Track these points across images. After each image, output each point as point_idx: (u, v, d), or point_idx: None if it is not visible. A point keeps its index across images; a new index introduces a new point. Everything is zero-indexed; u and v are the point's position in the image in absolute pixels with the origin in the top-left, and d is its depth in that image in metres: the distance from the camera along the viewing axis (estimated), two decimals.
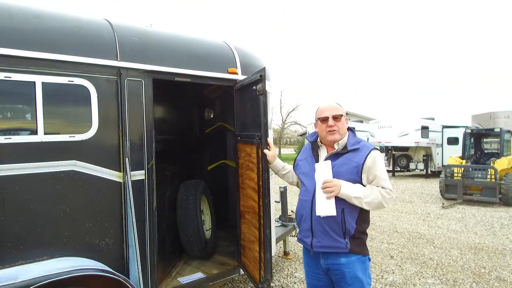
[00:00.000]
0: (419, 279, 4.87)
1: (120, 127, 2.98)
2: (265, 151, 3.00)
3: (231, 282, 4.63)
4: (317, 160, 2.54)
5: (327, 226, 2.36)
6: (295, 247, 6.33)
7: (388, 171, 21.16)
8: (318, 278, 2.54)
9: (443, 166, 15.63)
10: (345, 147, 2.46)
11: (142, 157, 3.13)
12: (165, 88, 3.92)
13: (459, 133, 17.14)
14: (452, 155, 13.25)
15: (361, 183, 2.39)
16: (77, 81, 2.77)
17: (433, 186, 14.52)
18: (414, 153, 18.82)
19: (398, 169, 19.61)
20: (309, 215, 2.44)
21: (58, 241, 2.69)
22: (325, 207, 2.33)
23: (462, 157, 12.24)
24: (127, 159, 2.99)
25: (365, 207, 2.34)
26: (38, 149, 2.59)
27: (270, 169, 3.12)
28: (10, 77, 2.47)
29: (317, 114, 2.58)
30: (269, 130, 3.65)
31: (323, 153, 2.57)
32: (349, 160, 2.41)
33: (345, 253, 2.36)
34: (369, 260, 2.50)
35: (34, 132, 2.58)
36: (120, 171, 2.99)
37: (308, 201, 2.46)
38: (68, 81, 2.73)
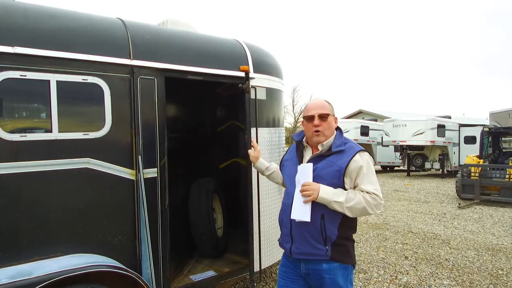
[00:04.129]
0: (434, 280, 4.78)
1: (133, 125, 3.01)
2: (249, 151, 2.88)
3: (243, 281, 4.63)
4: (301, 162, 2.38)
5: (306, 232, 2.22)
6: None
7: (402, 170, 21.08)
8: (294, 281, 2.37)
9: (459, 165, 15.36)
10: (330, 148, 2.30)
11: (155, 155, 3.14)
12: (178, 86, 3.93)
13: (476, 132, 16.78)
14: (469, 154, 12.98)
15: (343, 187, 2.22)
16: (91, 79, 2.79)
17: (449, 186, 14.25)
18: (429, 152, 18.50)
19: (413, 168, 19.33)
20: (289, 219, 2.28)
21: (72, 238, 2.73)
22: (300, 212, 2.20)
23: (479, 156, 11.98)
24: (139, 157, 3.01)
25: (347, 213, 2.16)
26: (52, 146, 2.62)
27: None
28: (26, 76, 2.51)
29: (304, 112, 2.42)
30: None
31: (308, 154, 2.40)
32: (332, 163, 2.24)
33: (326, 260, 2.21)
34: (353, 268, 2.35)
35: (49, 130, 2.62)
36: (133, 169, 3.01)
37: (289, 204, 2.29)
38: (82, 79, 2.76)
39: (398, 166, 22.12)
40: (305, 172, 2.25)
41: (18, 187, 2.50)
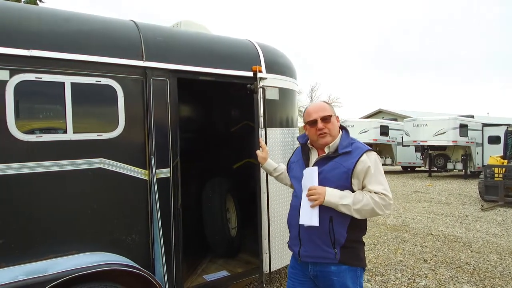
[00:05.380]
0: (454, 284, 4.65)
1: (146, 125, 3.04)
2: (257, 152, 2.82)
3: (256, 281, 4.62)
4: (307, 164, 2.35)
5: (315, 235, 2.19)
6: None
7: (424, 171, 20.65)
8: (302, 282, 2.35)
9: (483, 166, 14.92)
10: (336, 150, 2.25)
11: (167, 155, 3.17)
12: (191, 87, 3.96)
13: (500, 132, 16.26)
14: (493, 155, 12.58)
15: (351, 189, 2.18)
16: (104, 81, 2.84)
17: (472, 187, 13.85)
18: (452, 152, 18.05)
19: (435, 169, 18.89)
20: (297, 222, 2.26)
21: (87, 236, 2.78)
22: (308, 216, 2.17)
23: (503, 157, 11.61)
24: (152, 157, 3.05)
25: (355, 215, 2.12)
26: (67, 147, 2.68)
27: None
28: (41, 78, 2.57)
29: (305, 117, 2.36)
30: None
31: (314, 156, 2.36)
32: (339, 165, 2.20)
33: (335, 263, 2.18)
34: (364, 270, 2.31)
35: (64, 130, 2.67)
36: (146, 169, 3.05)
37: (296, 207, 2.28)
38: (96, 81, 2.81)
39: (419, 167, 21.69)
40: (310, 176, 2.22)
41: (34, 187, 2.56)
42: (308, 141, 2.41)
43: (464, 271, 5.12)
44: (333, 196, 2.13)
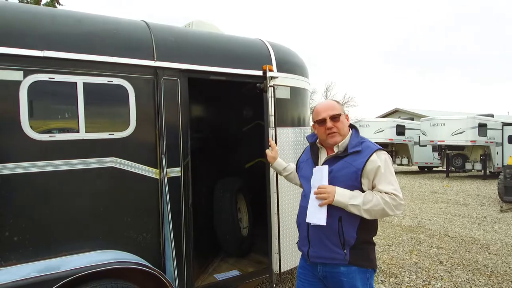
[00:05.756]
0: (471, 287, 4.54)
1: (157, 125, 3.06)
2: (266, 151, 2.80)
3: (268, 281, 4.61)
4: (316, 163, 2.33)
5: (324, 236, 2.17)
6: None
7: (441, 171, 20.25)
8: (311, 283, 2.33)
9: (502, 166, 14.53)
10: (346, 149, 2.22)
11: (178, 154, 3.19)
12: (202, 86, 3.97)
13: None
14: None
15: (361, 189, 2.15)
16: (116, 81, 2.87)
17: (491, 188, 13.52)
18: (470, 152, 17.65)
19: (453, 169, 18.51)
20: (306, 222, 2.24)
21: (99, 235, 2.81)
22: (316, 215, 2.15)
23: None
24: (163, 156, 3.07)
25: (365, 215, 2.09)
26: (79, 146, 2.72)
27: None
28: (54, 78, 2.62)
29: (314, 116, 2.33)
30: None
31: (323, 155, 2.34)
32: (348, 164, 2.16)
33: (345, 264, 2.15)
34: (374, 272, 2.26)
35: (76, 130, 2.72)
36: (157, 168, 3.07)
37: (305, 207, 2.26)
38: (108, 81, 2.84)
39: (437, 167, 21.27)
40: (320, 174, 2.20)
41: (47, 185, 2.61)
42: (317, 140, 2.39)
43: (481, 273, 4.99)
44: (343, 195, 2.10)
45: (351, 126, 2.34)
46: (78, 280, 2.44)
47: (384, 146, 21.25)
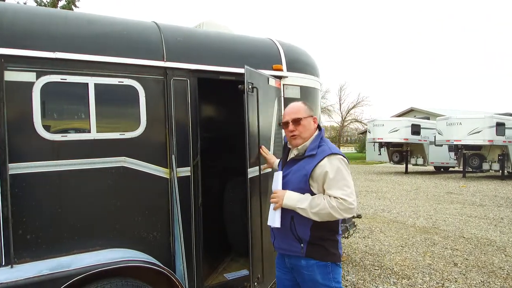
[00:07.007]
0: None
1: (167, 125, 3.09)
2: (265, 156, 3.06)
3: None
4: (284, 164, 2.48)
5: (283, 232, 2.35)
6: (348, 249, 6.12)
7: (457, 171, 19.87)
8: (285, 273, 2.50)
9: None
10: (304, 152, 2.34)
11: (188, 154, 3.21)
12: (212, 86, 3.98)
13: None
14: None
15: (311, 192, 2.25)
16: (127, 81, 2.91)
17: (509, 188, 13.22)
18: (488, 152, 17.28)
19: (469, 169, 18.14)
20: None
21: (109, 233, 2.85)
22: (271, 218, 2.35)
23: None
24: (173, 156, 3.09)
25: (314, 218, 2.19)
26: (91, 146, 2.76)
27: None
28: (66, 79, 2.66)
29: (282, 118, 2.52)
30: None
31: (291, 156, 2.48)
32: (302, 168, 2.29)
33: (304, 257, 2.28)
34: (337, 265, 2.33)
35: (88, 130, 2.76)
36: (167, 168, 3.10)
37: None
38: (118, 82, 2.88)
39: (453, 167, 20.90)
40: (276, 179, 2.39)
41: (60, 184, 2.66)
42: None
43: (497, 276, 4.88)
44: (291, 199, 2.24)
45: (319, 128, 2.44)
46: (89, 278, 2.48)
47: (399, 145, 21.04)
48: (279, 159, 3.00)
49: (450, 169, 21.59)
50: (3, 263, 2.45)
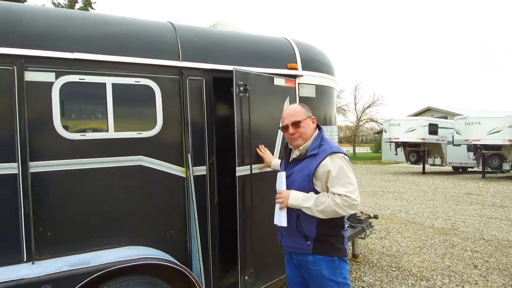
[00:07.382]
0: None
1: (183, 124, 3.11)
2: (263, 156, 3.17)
3: None
4: (286, 164, 2.54)
5: (289, 230, 2.42)
6: (365, 249, 6.05)
7: (477, 172, 19.42)
8: (293, 270, 2.56)
9: None
10: (306, 152, 2.40)
11: (204, 153, 3.22)
12: (227, 86, 3.99)
13: None
14: None
15: (315, 191, 2.31)
16: (143, 81, 2.94)
17: None
18: (508, 152, 16.85)
19: (489, 170, 17.71)
20: None
21: (127, 231, 2.88)
22: (278, 218, 2.43)
23: None
24: (189, 155, 3.11)
25: (319, 216, 2.25)
26: (109, 145, 2.80)
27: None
28: (84, 79, 2.70)
29: (281, 122, 2.55)
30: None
31: (293, 157, 2.54)
32: (305, 167, 2.34)
33: (310, 253, 2.35)
34: (343, 261, 2.38)
35: (105, 129, 2.80)
36: (183, 167, 3.12)
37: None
38: (135, 81, 2.91)
39: (472, 167, 20.45)
40: (280, 179, 2.45)
41: (79, 183, 2.70)
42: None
43: None
44: (296, 199, 2.31)
45: (319, 128, 2.49)
46: (108, 275, 2.51)
47: (415, 145, 20.71)
48: (279, 159, 3.16)
49: (469, 169, 21.13)
50: (25, 259, 2.50)
